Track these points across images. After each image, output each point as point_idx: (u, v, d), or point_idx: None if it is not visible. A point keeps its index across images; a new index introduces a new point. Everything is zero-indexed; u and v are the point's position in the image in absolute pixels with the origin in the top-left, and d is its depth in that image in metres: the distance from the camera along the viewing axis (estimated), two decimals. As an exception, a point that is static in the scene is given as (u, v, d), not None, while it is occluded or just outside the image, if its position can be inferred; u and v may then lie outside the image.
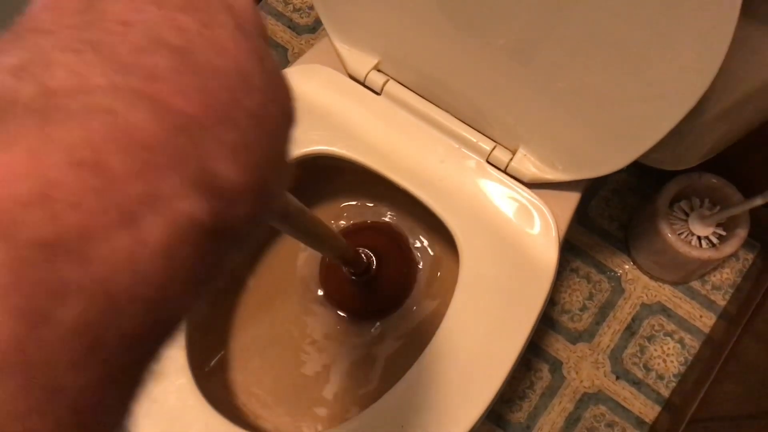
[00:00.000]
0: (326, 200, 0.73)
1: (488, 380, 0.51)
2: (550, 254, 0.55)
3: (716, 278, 0.94)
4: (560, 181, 0.56)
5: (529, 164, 0.57)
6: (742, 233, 0.81)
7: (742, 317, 0.81)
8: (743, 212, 0.79)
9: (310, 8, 1.11)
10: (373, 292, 0.70)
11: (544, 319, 0.92)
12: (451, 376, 0.51)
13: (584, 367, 0.91)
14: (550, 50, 0.47)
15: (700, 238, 0.84)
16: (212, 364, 0.63)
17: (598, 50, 0.44)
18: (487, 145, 0.58)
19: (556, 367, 0.91)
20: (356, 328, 0.68)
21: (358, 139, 0.59)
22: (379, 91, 0.60)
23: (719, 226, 0.84)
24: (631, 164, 0.51)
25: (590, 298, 0.94)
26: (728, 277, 0.94)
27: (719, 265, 0.94)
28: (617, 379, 0.90)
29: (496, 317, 0.53)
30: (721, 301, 0.93)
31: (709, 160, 0.59)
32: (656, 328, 0.92)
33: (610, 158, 0.52)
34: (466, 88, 0.56)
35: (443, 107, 0.59)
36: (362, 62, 0.60)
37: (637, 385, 0.90)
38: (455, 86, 0.57)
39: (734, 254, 0.85)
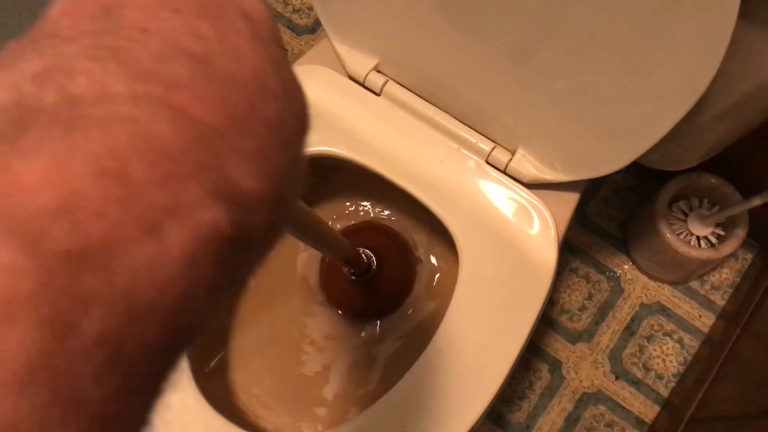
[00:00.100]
0: (326, 201, 0.73)
1: (488, 380, 0.51)
2: (549, 254, 0.55)
3: (715, 278, 0.94)
4: (559, 181, 0.57)
5: (528, 165, 0.57)
6: (741, 233, 0.81)
7: (741, 317, 0.82)
8: (742, 212, 0.79)
9: (309, 9, 1.11)
10: (373, 292, 0.70)
11: (543, 319, 0.92)
12: (450, 376, 0.51)
13: (583, 367, 0.91)
14: (549, 51, 0.47)
15: (699, 238, 0.84)
16: (212, 364, 0.63)
17: (597, 50, 0.45)
18: (486, 145, 0.58)
19: (555, 367, 0.91)
20: (356, 328, 0.69)
21: (357, 139, 0.59)
22: (378, 91, 0.61)
23: (718, 226, 0.84)
24: (630, 164, 0.51)
25: (589, 298, 0.94)
26: (727, 277, 0.94)
27: (718, 265, 0.94)
28: (616, 379, 0.90)
29: (495, 317, 0.53)
30: (720, 300, 0.93)
31: (708, 160, 0.59)
32: (655, 328, 0.92)
33: (609, 158, 0.52)
34: (465, 88, 0.56)
35: (442, 108, 0.60)
36: (362, 63, 0.60)
37: (636, 385, 0.90)
38: (455, 87, 0.57)
39: (733, 254, 0.85)
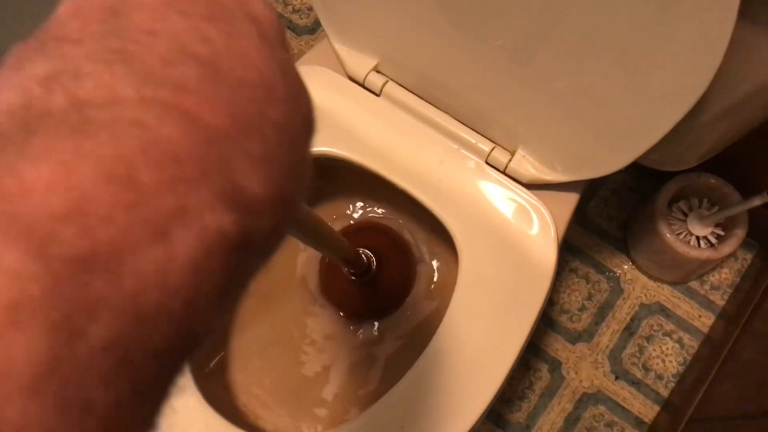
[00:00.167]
0: (326, 201, 0.73)
1: (488, 380, 0.51)
2: (549, 255, 0.55)
3: (715, 278, 0.94)
4: (559, 182, 0.57)
5: (528, 165, 0.57)
6: (740, 233, 0.81)
7: (740, 317, 0.82)
8: (742, 212, 0.79)
9: (309, 9, 1.11)
10: (372, 292, 0.70)
11: (543, 319, 0.92)
12: (450, 376, 0.51)
13: (583, 367, 0.91)
14: (548, 51, 0.47)
15: (698, 238, 0.84)
16: (212, 364, 0.63)
17: (596, 51, 0.45)
18: (486, 146, 0.58)
19: (555, 367, 0.91)
20: (356, 328, 0.69)
21: (357, 140, 0.59)
22: (378, 92, 0.61)
23: (718, 226, 0.84)
24: (629, 164, 0.51)
25: (589, 298, 0.94)
26: (727, 277, 0.94)
27: (718, 265, 0.94)
28: (616, 379, 0.90)
29: (495, 317, 0.53)
30: (719, 300, 0.93)
31: (707, 160, 0.59)
32: (655, 328, 0.92)
33: (608, 159, 0.52)
34: (465, 88, 0.56)
35: (442, 108, 0.60)
36: (361, 63, 0.60)
37: (636, 385, 0.90)
38: (454, 87, 0.57)
39: (733, 254, 0.86)
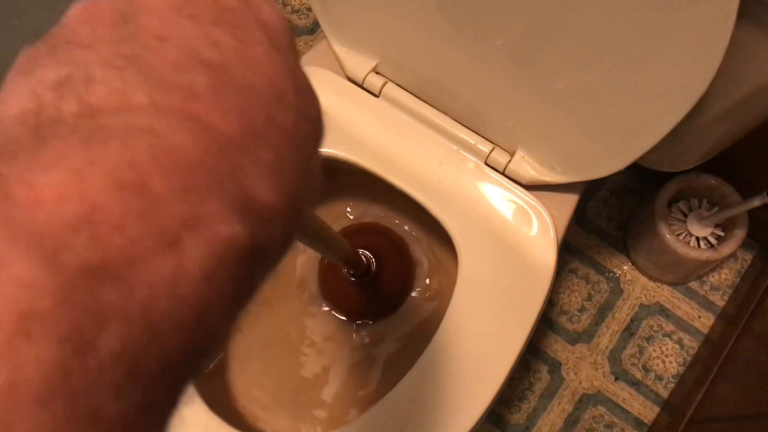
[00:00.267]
0: (325, 202, 0.73)
1: (487, 381, 0.51)
2: (548, 256, 0.55)
3: (715, 279, 0.94)
4: (558, 183, 0.56)
5: (527, 166, 0.57)
6: (740, 234, 0.81)
7: (740, 318, 0.82)
8: (741, 213, 0.79)
9: (308, 10, 1.11)
10: (372, 293, 0.70)
11: (542, 320, 0.92)
12: (450, 377, 0.51)
13: (583, 368, 0.91)
14: (548, 51, 0.47)
15: (698, 238, 0.84)
16: (211, 366, 0.63)
17: (596, 52, 0.44)
18: (485, 147, 0.58)
19: (555, 368, 0.91)
20: (355, 329, 0.68)
21: (356, 141, 0.59)
22: (377, 93, 0.60)
23: (718, 226, 0.84)
24: (629, 165, 0.51)
25: (589, 298, 0.94)
26: (727, 277, 0.94)
27: (718, 265, 0.94)
28: (616, 380, 0.90)
29: (495, 318, 0.53)
30: (719, 301, 0.93)
31: (707, 160, 0.59)
32: (655, 328, 0.92)
33: (608, 160, 0.52)
34: (464, 89, 0.56)
35: (441, 109, 0.59)
36: (360, 64, 0.60)
37: (636, 385, 0.90)
38: (453, 88, 0.57)
39: (733, 255, 0.86)
